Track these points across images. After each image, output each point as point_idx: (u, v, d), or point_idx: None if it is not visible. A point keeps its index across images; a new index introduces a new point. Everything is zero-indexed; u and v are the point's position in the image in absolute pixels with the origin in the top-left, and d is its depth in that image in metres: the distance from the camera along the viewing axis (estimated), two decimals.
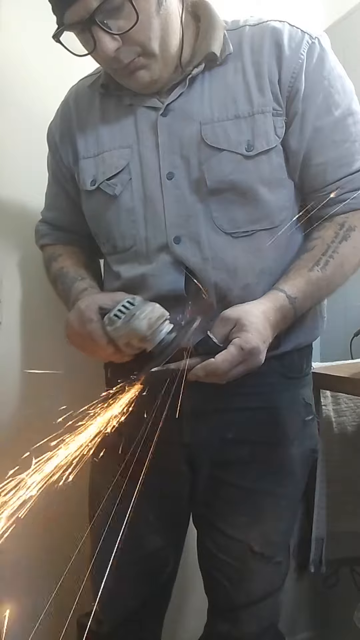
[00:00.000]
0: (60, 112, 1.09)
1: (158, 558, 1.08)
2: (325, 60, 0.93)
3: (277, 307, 0.88)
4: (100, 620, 1.10)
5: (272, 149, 0.92)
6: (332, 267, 0.91)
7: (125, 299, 0.87)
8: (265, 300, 0.88)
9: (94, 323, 0.89)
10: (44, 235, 1.18)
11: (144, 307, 0.84)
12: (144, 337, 0.83)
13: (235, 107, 0.92)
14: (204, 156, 0.92)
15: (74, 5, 0.83)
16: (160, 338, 0.83)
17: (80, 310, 0.91)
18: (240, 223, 0.93)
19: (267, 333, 0.85)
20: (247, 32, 0.95)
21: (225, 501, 1.02)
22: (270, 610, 1.07)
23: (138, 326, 0.82)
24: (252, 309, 0.85)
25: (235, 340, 0.81)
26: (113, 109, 1.00)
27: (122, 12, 0.84)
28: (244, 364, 0.82)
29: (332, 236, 0.92)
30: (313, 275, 0.90)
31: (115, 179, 0.97)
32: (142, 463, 1.01)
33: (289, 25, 0.93)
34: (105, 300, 0.92)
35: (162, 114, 0.94)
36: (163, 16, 0.88)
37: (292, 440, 1.01)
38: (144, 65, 0.90)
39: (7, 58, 1.26)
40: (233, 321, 0.83)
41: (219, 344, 0.83)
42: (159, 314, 0.84)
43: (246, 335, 0.81)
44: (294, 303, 0.89)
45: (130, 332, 0.84)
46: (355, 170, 0.93)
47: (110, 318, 0.86)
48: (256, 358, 0.83)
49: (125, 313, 0.85)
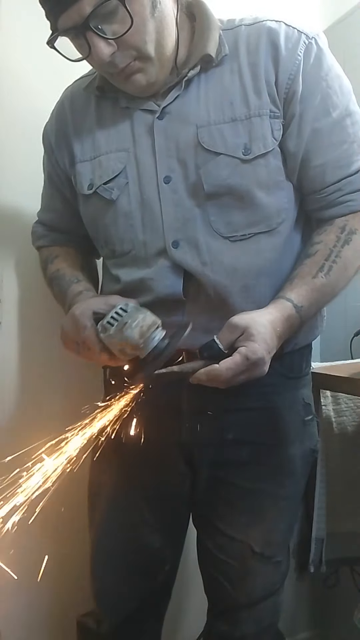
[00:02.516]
0: (55, 114, 1.08)
1: (158, 558, 1.08)
2: (323, 60, 0.92)
3: (284, 316, 0.88)
4: (100, 620, 1.10)
5: (270, 152, 0.91)
6: (336, 273, 0.91)
7: (118, 305, 0.88)
8: (273, 309, 0.88)
9: (88, 330, 0.89)
10: (40, 236, 1.18)
11: (136, 315, 0.85)
12: (136, 345, 0.84)
13: (231, 109, 0.91)
14: (200, 160, 0.91)
15: (67, 11, 0.82)
16: (152, 345, 0.84)
17: (75, 316, 0.91)
18: (237, 227, 0.93)
19: (273, 344, 0.85)
20: (243, 31, 0.94)
21: (225, 501, 1.02)
22: (270, 610, 1.07)
23: (130, 335, 0.83)
24: (260, 318, 0.85)
25: (241, 349, 0.81)
26: (109, 112, 1.00)
27: (116, 17, 0.83)
28: (247, 373, 0.82)
29: (334, 240, 0.92)
30: (318, 282, 0.90)
31: (112, 182, 0.97)
32: (142, 463, 1.01)
33: (285, 25, 0.92)
34: (100, 305, 0.92)
35: (159, 117, 0.94)
36: (158, 19, 0.87)
37: (292, 440, 1.01)
38: (140, 69, 0.89)
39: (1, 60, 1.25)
40: (241, 329, 0.83)
41: (224, 350, 0.83)
42: (151, 322, 0.85)
43: (253, 345, 0.81)
44: (300, 312, 0.89)
45: (122, 340, 0.84)
46: (353, 172, 0.93)
47: (103, 325, 0.87)
48: (260, 368, 0.83)
49: (117, 320, 0.85)
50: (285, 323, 0.87)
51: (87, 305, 0.93)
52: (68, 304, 1.01)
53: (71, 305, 0.99)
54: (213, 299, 0.94)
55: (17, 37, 1.26)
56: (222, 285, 0.93)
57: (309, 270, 0.91)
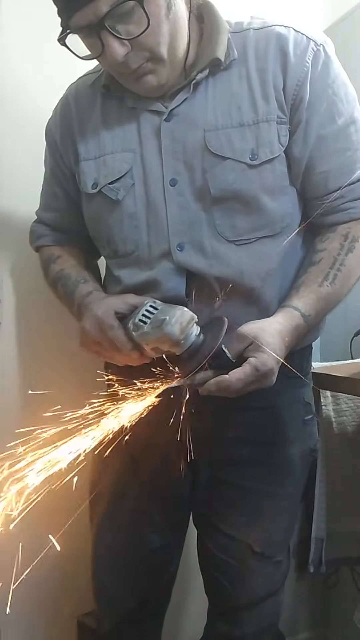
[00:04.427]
0: (59, 111, 1.07)
1: (158, 558, 1.08)
2: (330, 67, 0.92)
3: (293, 326, 0.88)
4: (100, 620, 1.10)
5: (276, 157, 0.91)
6: (341, 281, 0.92)
7: (147, 303, 0.87)
8: (282, 319, 0.88)
9: (116, 329, 0.89)
10: (40, 236, 1.16)
11: (173, 312, 0.84)
12: (177, 342, 0.83)
13: (239, 114, 0.91)
14: (207, 164, 0.91)
15: (82, 9, 0.81)
16: (191, 341, 0.84)
17: (98, 317, 0.91)
18: (242, 231, 0.93)
19: (282, 354, 0.85)
20: (252, 35, 0.94)
21: (225, 501, 1.02)
22: (270, 610, 1.07)
23: (171, 331, 0.82)
24: (270, 329, 0.85)
25: (251, 359, 0.82)
26: (115, 111, 0.99)
27: (132, 17, 0.83)
28: (257, 383, 0.82)
29: (338, 248, 0.93)
30: (323, 291, 0.91)
31: (118, 183, 0.96)
32: (142, 463, 1.01)
33: (294, 31, 0.92)
34: (119, 304, 0.92)
35: (166, 119, 0.93)
36: (172, 20, 0.87)
37: (292, 440, 1.01)
38: (151, 71, 0.89)
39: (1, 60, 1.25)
40: (250, 339, 0.83)
41: (232, 359, 0.83)
42: (189, 318, 0.84)
43: (262, 356, 0.82)
44: (308, 321, 0.90)
45: (162, 337, 0.84)
46: (356, 179, 0.93)
47: (135, 323, 0.86)
48: (269, 379, 0.83)
49: (150, 317, 0.85)
50: (294, 333, 0.88)
51: (108, 305, 0.92)
52: (77, 304, 1.00)
53: (81, 305, 0.98)
54: (216, 300, 0.93)
55: (17, 37, 1.26)
56: (228, 287, 0.93)
57: (314, 279, 0.92)
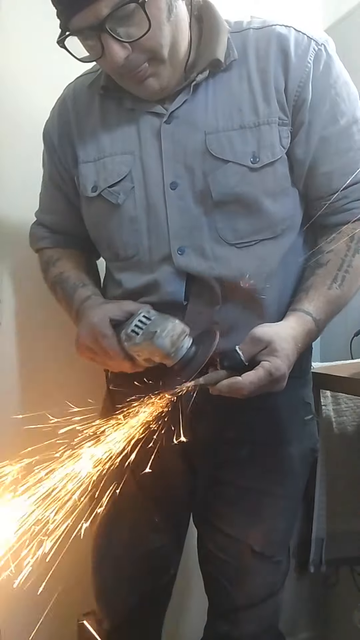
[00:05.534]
0: (57, 112, 1.05)
1: (158, 557, 1.08)
2: (332, 67, 0.92)
3: (305, 331, 0.88)
4: (100, 620, 1.10)
5: (278, 159, 0.91)
6: (349, 283, 0.92)
7: (140, 313, 0.87)
8: (295, 324, 0.88)
9: (109, 339, 0.88)
10: (40, 238, 1.15)
11: (165, 324, 0.84)
12: (167, 354, 0.83)
13: (240, 116, 0.90)
14: (208, 167, 0.91)
15: (82, 12, 0.80)
16: (182, 354, 0.84)
17: (93, 324, 0.91)
18: (243, 234, 0.93)
19: (294, 359, 0.86)
20: (252, 35, 0.93)
21: (225, 501, 1.02)
22: (270, 611, 1.07)
23: (161, 344, 0.82)
24: (284, 333, 0.85)
25: (264, 363, 0.82)
26: (114, 112, 0.98)
27: (133, 20, 0.82)
28: (268, 387, 0.83)
29: (345, 249, 0.93)
30: (332, 294, 0.91)
31: (118, 186, 0.95)
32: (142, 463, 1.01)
33: (295, 30, 0.91)
34: (115, 311, 0.91)
35: (166, 121, 0.92)
36: (173, 23, 0.86)
37: (292, 440, 1.01)
38: (153, 73, 0.88)
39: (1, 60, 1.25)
40: (265, 343, 0.83)
41: (245, 361, 0.83)
42: (180, 331, 0.84)
43: (276, 361, 0.82)
44: (319, 324, 0.90)
45: (152, 349, 0.84)
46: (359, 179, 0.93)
47: (127, 334, 0.86)
48: (280, 383, 0.83)
49: (142, 328, 0.85)
50: (306, 338, 0.89)
51: (103, 312, 0.92)
52: (75, 308, 1.00)
53: (79, 310, 0.98)
54: (215, 302, 0.93)
55: (17, 37, 1.26)
56: (231, 290, 0.93)
57: (322, 281, 0.92)
